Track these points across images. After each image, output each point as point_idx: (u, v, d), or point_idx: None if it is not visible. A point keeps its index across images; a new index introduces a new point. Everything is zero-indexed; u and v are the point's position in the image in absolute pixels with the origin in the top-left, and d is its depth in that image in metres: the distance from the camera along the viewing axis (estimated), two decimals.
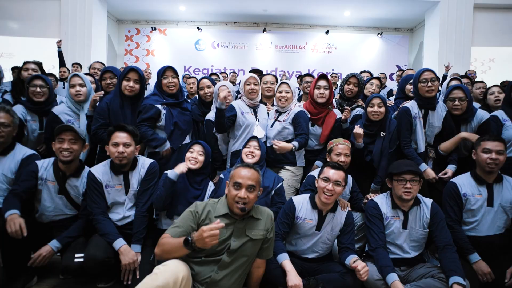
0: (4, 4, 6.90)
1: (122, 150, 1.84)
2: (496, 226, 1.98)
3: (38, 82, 2.47)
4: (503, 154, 1.97)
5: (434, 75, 2.32)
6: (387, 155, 2.24)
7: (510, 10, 6.64)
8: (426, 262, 1.95)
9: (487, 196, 2.00)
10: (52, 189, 1.95)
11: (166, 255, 1.44)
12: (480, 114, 2.38)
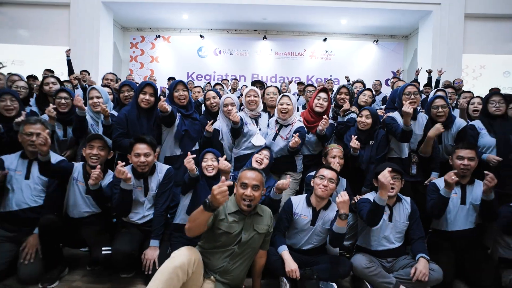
0: (15, 13, 7.19)
1: (144, 160, 2.12)
2: (468, 222, 2.27)
3: (63, 94, 2.76)
4: (474, 160, 2.26)
5: (416, 89, 2.61)
6: (374, 162, 2.53)
7: (499, 19, 6.93)
8: (408, 255, 2.24)
9: (461, 195, 2.29)
10: (81, 188, 2.24)
11: (192, 223, 1.67)
12: (458, 122, 2.67)
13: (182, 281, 1.60)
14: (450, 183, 2.09)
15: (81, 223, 2.25)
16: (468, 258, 2.24)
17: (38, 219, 2.12)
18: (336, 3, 6.86)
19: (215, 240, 1.80)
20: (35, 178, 2.22)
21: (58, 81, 3.20)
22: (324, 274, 2.08)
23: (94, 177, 2.02)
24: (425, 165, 2.66)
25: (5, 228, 2.16)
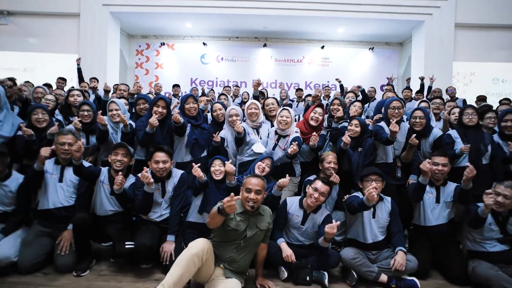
0: (27, 23, 7.54)
1: (162, 166, 2.47)
2: (442, 217, 2.61)
3: (86, 107, 3.11)
4: (447, 166, 2.61)
5: (400, 104, 2.97)
6: (361, 167, 2.87)
7: (489, 29, 7.29)
8: (390, 248, 2.58)
9: (436, 195, 2.64)
10: (106, 190, 2.59)
11: (211, 220, 2.06)
12: (435, 132, 3.03)
13: (198, 266, 1.94)
14: (426, 170, 2.46)
15: (106, 220, 2.59)
16: (442, 251, 2.59)
17: (70, 216, 2.47)
18: (333, 13, 7.21)
19: (225, 235, 2.15)
20: (68, 181, 2.57)
21: (82, 94, 3.55)
22: (316, 264, 2.43)
23: (118, 182, 2.37)
24: (407, 170, 3.01)
25: (42, 224, 2.51)
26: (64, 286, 2.22)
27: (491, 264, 2.29)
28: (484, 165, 2.85)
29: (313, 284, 2.37)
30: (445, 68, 7.19)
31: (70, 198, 2.56)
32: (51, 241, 2.48)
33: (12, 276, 2.29)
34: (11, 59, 7.56)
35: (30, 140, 2.75)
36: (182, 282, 1.89)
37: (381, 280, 2.35)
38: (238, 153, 3.15)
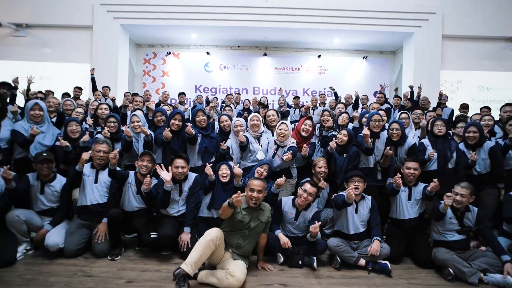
0: (43, 34, 8.05)
1: (181, 171, 3.00)
2: (413, 212, 3.14)
3: (112, 119, 3.64)
4: (418, 170, 3.14)
5: (380, 117, 3.50)
6: (345, 170, 3.39)
7: (474, 40, 7.79)
8: (369, 239, 3.09)
9: (408, 193, 3.17)
10: (133, 190, 3.11)
11: (222, 211, 2.59)
12: (409, 140, 3.56)
13: (212, 249, 2.46)
14: (397, 183, 3.03)
15: (132, 215, 3.12)
16: (413, 241, 3.11)
17: (104, 212, 3.01)
18: (329, 25, 7.73)
19: (233, 226, 2.67)
20: (102, 182, 3.10)
21: (109, 108, 4.08)
22: (307, 251, 2.95)
23: (146, 183, 2.90)
24: (386, 173, 3.54)
25: (82, 218, 3.04)
26: (101, 267, 2.74)
27: (448, 250, 2.81)
28: (450, 169, 3.37)
29: (304, 267, 2.89)
30: (433, 76, 7.70)
31: (104, 196, 3.09)
32: (89, 231, 3.01)
33: (60, 259, 2.83)
34: (28, 68, 8.06)
35: (66, 150, 3.28)
36: (200, 261, 2.41)
37: (360, 263, 2.87)
38: (242, 159, 3.68)
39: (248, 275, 2.58)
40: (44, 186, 3.00)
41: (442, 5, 7.63)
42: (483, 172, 3.40)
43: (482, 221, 2.88)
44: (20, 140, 3.18)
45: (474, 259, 2.79)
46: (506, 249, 2.80)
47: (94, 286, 2.41)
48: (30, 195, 3.00)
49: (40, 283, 2.41)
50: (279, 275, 2.73)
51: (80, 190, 3.11)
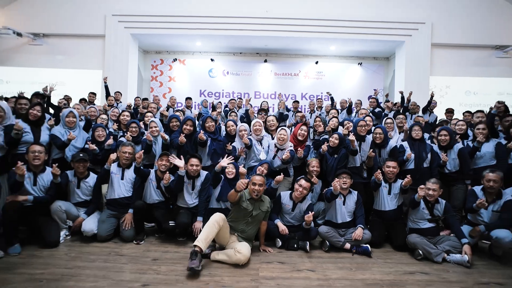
0: (58, 43, 8.62)
1: (195, 169, 3.54)
2: (392, 204, 3.67)
3: (134, 124, 4.19)
4: (396, 168, 3.68)
5: (365, 123, 4.05)
6: (335, 169, 3.93)
7: (461, 48, 8.34)
8: (355, 227, 3.62)
9: (388, 188, 3.71)
10: (153, 185, 3.66)
11: (230, 195, 3.10)
12: (391, 143, 4.10)
13: (217, 229, 2.96)
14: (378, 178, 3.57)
15: (153, 207, 3.67)
16: (391, 229, 3.65)
17: (129, 204, 3.56)
18: (326, 34, 8.28)
19: (239, 213, 3.21)
20: (127, 178, 3.65)
21: (131, 115, 4.64)
22: (301, 237, 3.49)
23: (166, 179, 3.46)
24: (371, 171, 4.08)
25: (111, 209, 3.59)
26: (130, 249, 3.29)
27: (419, 235, 3.35)
28: (425, 168, 3.90)
29: (299, 250, 3.43)
30: (423, 82, 8.24)
31: (129, 191, 3.64)
32: (117, 220, 3.57)
33: (94, 243, 3.38)
34: (44, 74, 8.63)
35: (95, 153, 3.84)
36: (209, 239, 2.92)
37: (346, 247, 3.42)
38: (245, 159, 4.22)
39: (251, 256, 3.12)
40: (80, 182, 3.56)
41: (431, 16, 8.17)
42: (453, 170, 3.94)
43: (448, 211, 3.42)
44: (58, 143, 3.73)
45: (441, 243, 3.33)
46: (467, 234, 3.33)
47: (127, 262, 2.95)
48: (68, 189, 3.56)
49: (83, 260, 2.96)
50: (277, 256, 3.27)
51: (108, 186, 3.67)
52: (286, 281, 2.68)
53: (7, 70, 8.68)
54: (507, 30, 8.08)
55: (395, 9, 8.26)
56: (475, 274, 2.91)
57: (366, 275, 2.84)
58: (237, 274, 2.79)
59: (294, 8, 8.23)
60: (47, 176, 3.35)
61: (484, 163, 3.93)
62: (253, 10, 8.17)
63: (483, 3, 8.15)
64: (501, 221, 3.22)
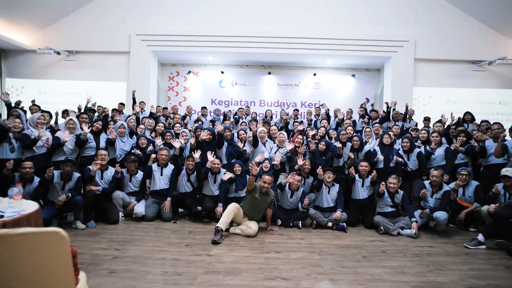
0: (88, 58, 9.87)
1: (217, 166, 4.76)
2: (365, 194, 4.86)
3: (168, 134, 5.43)
4: (368, 167, 4.87)
5: (346, 133, 5.25)
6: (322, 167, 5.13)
7: (440, 62, 9.45)
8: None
9: (362, 182, 4.90)
10: (185, 179, 4.89)
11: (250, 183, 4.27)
12: (365, 148, 5.28)
13: (234, 214, 4.16)
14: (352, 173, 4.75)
15: (184, 195, 4.89)
16: (364, 212, 4.84)
17: (167, 193, 4.78)
18: (322, 51, 9.42)
19: (250, 202, 4.41)
20: (165, 175, 4.88)
21: (164, 126, 5.88)
22: (296, 217, 4.70)
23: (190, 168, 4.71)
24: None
25: (153, 197, 4.82)
26: (170, 226, 4.51)
27: (382, 216, 4.53)
28: (391, 167, 5.08)
29: (293, 227, 4.62)
30: (407, 92, 9.36)
31: (166, 184, 4.87)
32: (158, 206, 4.79)
33: (143, 222, 4.61)
34: (76, 86, 9.90)
35: (139, 156, 5.08)
36: (227, 222, 4.10)
37: (328, 225, 4.61)
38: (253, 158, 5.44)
39: (259, 231, 4.31)
40: (131, 177, 4.81)
41: (414, 35, 9.32)
42: (414, 169, 5.12)
43: (404, 199, 4.59)
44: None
45: (398, 222, 4.51)
46: (418, 216, 4.50)
47: (171, 233, 4.18)
48: (123, 183, 4.80)
49: (140, 231, 4.19)
50: (277, 230, 4.47)
51: (151, 180, 4.90)
52: (283, 244, 3.89)
53: (45, 83, 9.97)
54: (481, 47, 9.19)
55: (383, 29, 9.41)
56: (416, 241, 4.10)
57: (340, 242, 4.04)
58: (249, 240, 4.01)
59: (294, 28, 9.40)
60: (110, 172, 4.60)
61: (436, 163, 5.11)
62: (258, 30, 9.37)
63: (460, 24, 9.25)
64: (440, 206, 4.41)
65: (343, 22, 9.50)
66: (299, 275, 3.00)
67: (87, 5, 9.68)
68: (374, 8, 9.42)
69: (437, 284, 2.85)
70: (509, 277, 3.08)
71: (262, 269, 3.11)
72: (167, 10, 9.64)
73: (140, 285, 2.70)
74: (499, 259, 3.54)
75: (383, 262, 3.38)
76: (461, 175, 4.59)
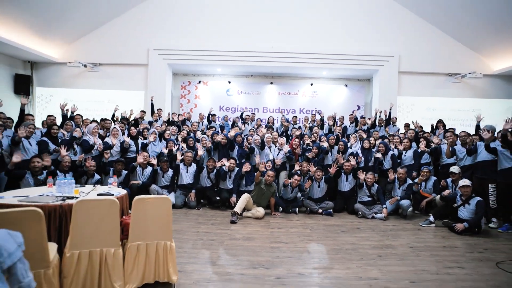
0: (111, 69, 11.13)
1: (233, 165, 6.04)
2: (348, 187, 6.13)
3: (190, 139, 6.70)
4: (350, 166, 6.14)
5: (334, 138, 6.53)
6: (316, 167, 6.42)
7: (422, 74, 10.73)
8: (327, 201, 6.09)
9: (346, 178, 6.17)
10: (206, 176, 6.17)
11: (256, 176, 5.61)
12: (349, 150, 6.56)
13: (246, 202, 5.45)
14: (332, 171, 6.03)
15: (206, 188, 6.17)
16: (347, 201, 6.12)
17: (192, 187, 6.06)
18: (318, 65, 10.71)
19: (258, 192, 5.69)
20: (190, 172, 6.16)
21: (187, 133, 7.15)
22: (293, 205, 5.98)
23: (211, 168, 5.99)
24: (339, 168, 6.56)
25: (181, 190, 6.09)
26: (195, 212, 5.77)
27: (361, 204, 5.81)
28: (370, 166, 6.36)
29: (292, 213, 5.89)
30: (393, 101, 10.60)
31: (191, 179, 6.14)
32: (185, 197, 6.07)
33: (173, 209, 5.88)
34: (99, 94, 11.16)
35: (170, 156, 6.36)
36: (242, 207, 5.40)
37: (318, 211, 5.89)
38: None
39: (265, 216, 5.58)
40: (164, 173, 6.08)
41: (399, 50, 10.61)
42: (388, 167, 6.40)
43: (378, 191, 5.87)
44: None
45: (373, 208, 5.78)
46: (388, 203, 5.77)
47: (197, 217, 5.44)
48: (157, 178, 6.08)
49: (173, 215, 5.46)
50: (279, 215, 5.74)
51: (179, 176, 6.17)
52: (283, 223, 5.17)
53: (71, 91, 11.22)
54: (456, 61, 10.46)
55: (371, 45, 10.68)
56: (385, 222, 5.38)
57: (326, 222, 5.32)
58: (258, 221, 5.29)
59: (293, 44, 10.67)
60: (148, 170, 5.88)
61: (407, 163, 6.39)
62: (261, 46, 10.63)
63: (438, 41, 10.52)
64: (405, 195, 5.70)
65: (337, 39, 10.78)
66: (295, 240, 4.28)
67: (109, 22, 10.95)
68: (364, 27, 10.71)
69: (389, 245, 4.13)
70: (442, 241, 4.36)
71: (269, 237, 4.39)
72: (181, 27, 10.92)
73: (186, 246, 3.98)
74: (442, 232, 4.83)
75: (355, 234, 4.67)
76: (423, 172, 5.86)
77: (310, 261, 3.61)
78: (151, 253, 2.67)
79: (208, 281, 3.01)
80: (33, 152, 4.99)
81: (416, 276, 3.20)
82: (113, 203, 2.47)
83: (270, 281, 3.04)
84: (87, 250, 2.42)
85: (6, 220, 1.98)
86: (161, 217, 2.71)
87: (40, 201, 2.76)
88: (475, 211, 4.77)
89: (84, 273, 2.40)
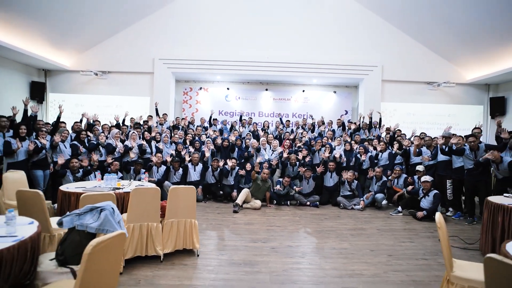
0: (118, 77, 12.08)
1: (234, 165, 7.07)
2: (333, 182, 7.20)
3: (197, 142, 7.72)
4: (334, 165, 7.21)
5: (321, 142, 7.60)
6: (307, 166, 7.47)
7: (403, 83, 11.86)
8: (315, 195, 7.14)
9: (330, 175, 7.24)
10: (211, 173, 7.19)
11: (253, 175, 6.69)
12: (334, 152, 7.63)
13: (245, 196, 6.49)
14: (319, 169, 7.09)
15: (211, 185, 7.18)
16: (332, 195, 7.18)
17: (199, 183, 7.07)
18: (309, 73, 11.79)
19: (255, 187, 6.72)
20: (197, 171, 7.17)
21: (192, 137, 8.17)
22: (286, 199, 7.03)
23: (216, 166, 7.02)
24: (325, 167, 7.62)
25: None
26: (202, 204, 6.78)
27: (343, 198, 6.87)
28: (351, 165, 7.43)
29: (284, 205, 6.94)
30: (376, 106, 11.74)
31: (198, 177, 7.15)
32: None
33: None
34: (107, 99, 12.10)
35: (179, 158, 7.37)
36: (242, 199, 6.44)
37: (307, 204, 6.95)
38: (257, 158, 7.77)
39: (262, 207, 6.61)
40: (175, 172, 7.08)
41: (382, 61, 11.73)
42: (368, 167, 7.47)
43: (357, 186, 6.95)
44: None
45: (353, 201, 6.85)
46: (365, 197, 6.84)
47: (205, 208, 6.46)
48: (169, 175, 7.07)
49: None
50: (273, 207, 6.78)
51: (187, 174, 7.18)
52: (277, 213, 6.22)
53: (82, 97, 12.14)
54: (433, 71, 11.61)
55: (358, 56, 11.78)
56: (362, 212, 6.45)
57: (313, 212, 6.37)
58: (256, 211, 6.33)
59: (287, 54, 11.72)
60: (162, 168, 6.88)
61: (383, 163, 7.48)
62: (258, 56, 11.66)
63: (417, 52, 11.66)
64: (380, 190, 6.78)
65: (327, 50, 11.87)
66: (286, 225, 5.33)
67: (118, 34, 11.90)
68: (351, 40, 11.80)
69: (361, 228, 5.21)
70: (404, 225, 5.45)
71: (265, 222, 5.44)
72: (184, 39, 11.91)
73: (200, 228, 4.99)
74: (406, 219, 5.92)
75: (336, 220, 5.74)
76: (396, 170, 6.95)
77: (298, 237, 4.66)
78: (181, 228, 3.69)
79: (221, 250, 4.04)
80: (67, 153, 5.97)
81: (375, 247, 4.27)
82: (156, 191, 3.49)
83: (267, 250, 4.08)
84: (138, 223, 3.44)
85: (92, 200, 2.99)
86: (188, 201, 3.72)
87: (100, 191, 3.76)
88: (432, 201, 5.87)
89: (137, 239, 3.42)
